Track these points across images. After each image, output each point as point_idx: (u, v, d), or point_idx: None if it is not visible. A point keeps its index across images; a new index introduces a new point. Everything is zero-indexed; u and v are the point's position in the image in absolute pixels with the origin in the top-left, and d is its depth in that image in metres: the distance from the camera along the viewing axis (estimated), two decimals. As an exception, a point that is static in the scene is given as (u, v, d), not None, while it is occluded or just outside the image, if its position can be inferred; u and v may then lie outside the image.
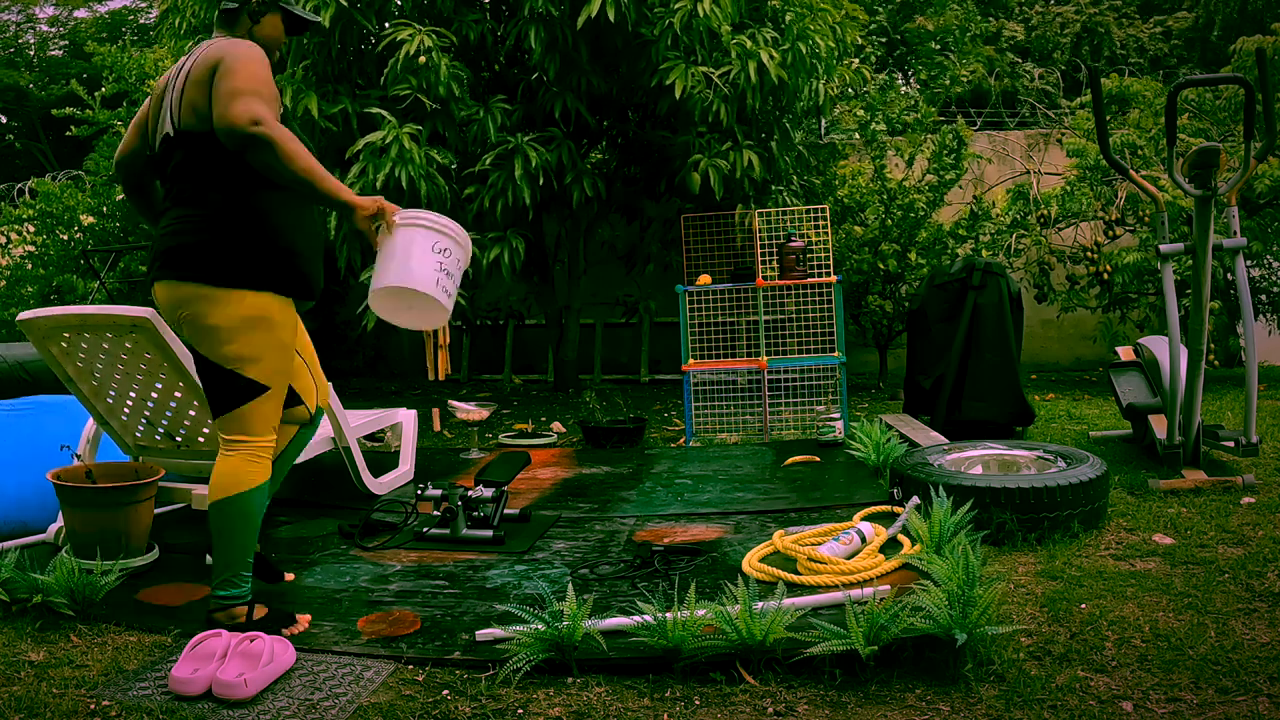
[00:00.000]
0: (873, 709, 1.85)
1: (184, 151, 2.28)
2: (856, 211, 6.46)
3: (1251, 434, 3.36)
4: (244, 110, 2.11)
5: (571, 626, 2.05)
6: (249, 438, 2.30)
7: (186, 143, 2.27)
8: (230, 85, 2.15)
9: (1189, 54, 12.71)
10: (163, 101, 2.35)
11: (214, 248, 2.24)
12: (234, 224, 2.25)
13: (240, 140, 2.13)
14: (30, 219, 7.56)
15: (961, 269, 4.69)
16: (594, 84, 5.25)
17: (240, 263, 2.24)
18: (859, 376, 7.02)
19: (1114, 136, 6.10)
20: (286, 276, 2.32)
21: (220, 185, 2.26)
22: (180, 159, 2.29)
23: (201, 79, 2.22)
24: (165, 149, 2.32)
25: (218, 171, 2.26)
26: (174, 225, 2.28)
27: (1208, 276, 3.23)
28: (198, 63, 2.25)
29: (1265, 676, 1.91)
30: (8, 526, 3.12)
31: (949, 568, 2.19)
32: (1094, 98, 3.50)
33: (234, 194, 2.26)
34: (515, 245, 5.14)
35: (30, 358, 4.38)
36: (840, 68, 5.73)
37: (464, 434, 5.06)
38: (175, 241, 2.26)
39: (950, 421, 4.54)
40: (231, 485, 2.26)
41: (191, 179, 2.28)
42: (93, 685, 2.03)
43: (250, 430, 2.30)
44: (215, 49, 2.25)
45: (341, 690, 1.98)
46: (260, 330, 2.27)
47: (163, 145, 2.33)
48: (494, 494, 3.07)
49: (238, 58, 2.19)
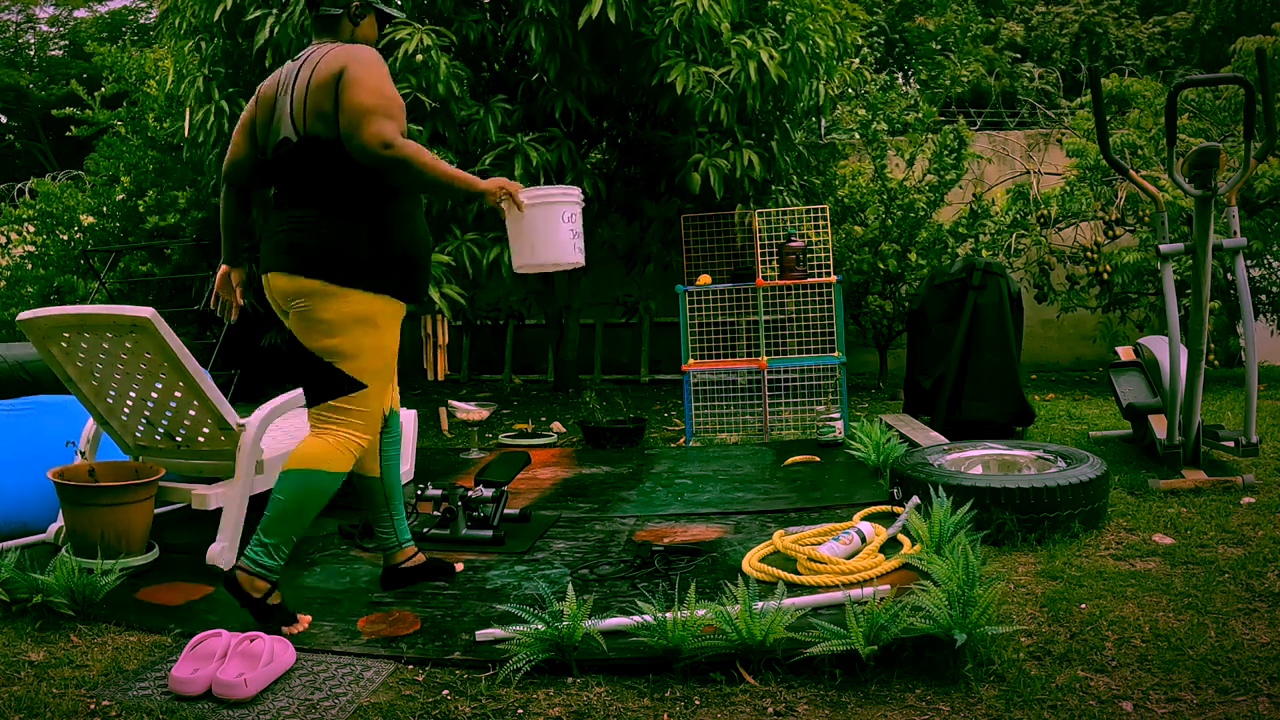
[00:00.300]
0: (873, 709, 1.85)
1: (307, 155, 2.33)
2: (856, 211, 6.45)
3: (1251, 434, 3.36)
4: (374, 134, 2.21)
5: (571, 626, 2.05)
6: (342, 430, 2.34)
7: (311, 147, 2.32)
8: (358, 101, 2.23)
9: (1187, 55, 12.72)
10: (275, 107, 2.40)
11: (336, 249, 2.31)
12: (356, 227, 2.33)
13: (373, 163, 2.24)
14: (30, 219, 7.56)
15: (961, 269, 4.69)
16: (594, 84, 5.25)
17: (360, 265, 2.32)
18: (859, 376, 7.02)
19: (1114, 136, 6.10)
20: (401, 281, 2.39)
21: (343, 188, 2.33)
22: (302, 163, 2.34)
23: (326, 84, 2.28)
24: (285, 154, 2.37)
25: (341, 175, 2.32)
26: (295, 224, 2.35)
27: (1208, 276, 3.23)
28: (319, 69, 2.31)
29: (1265, 676, 1.91)
30: (8, 526, 3.12)
31: (949, 568, 2.19)
32: (1094, 98, 3.50)
33: (356, 198, 2.33)
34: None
35: (30, 358, 4.37)
36: (840, 68, 5.73)
37: (464, 434, 5.06)
38: (296, 240, 2.33)
39: (950, 421, 4.54)
40: (313, 460, 2.29)
41: (314, 181, 2.34)
42: (93, 685, 2.03)
43: (345, 424, 2.35)
44: (336, 56, 2.31)
45: (341, 690, 1.98)
46: (364, 329, 2.34)
47: (279, 149, 2.38)
48: (494, 494, 3.08)
49: (361, 67, 2.27)
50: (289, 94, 2.36)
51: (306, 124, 2.31)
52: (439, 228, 5.16)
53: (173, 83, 5.80)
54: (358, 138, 2.22)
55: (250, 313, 6.79)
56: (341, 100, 2.25)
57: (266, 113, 2.43)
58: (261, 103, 2.46)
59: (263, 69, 5.24)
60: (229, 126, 5.42)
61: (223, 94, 5.40)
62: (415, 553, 2.63)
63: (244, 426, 2.88)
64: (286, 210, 2.38)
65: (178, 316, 6.61)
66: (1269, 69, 3.53)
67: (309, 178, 2.34)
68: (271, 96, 2.43)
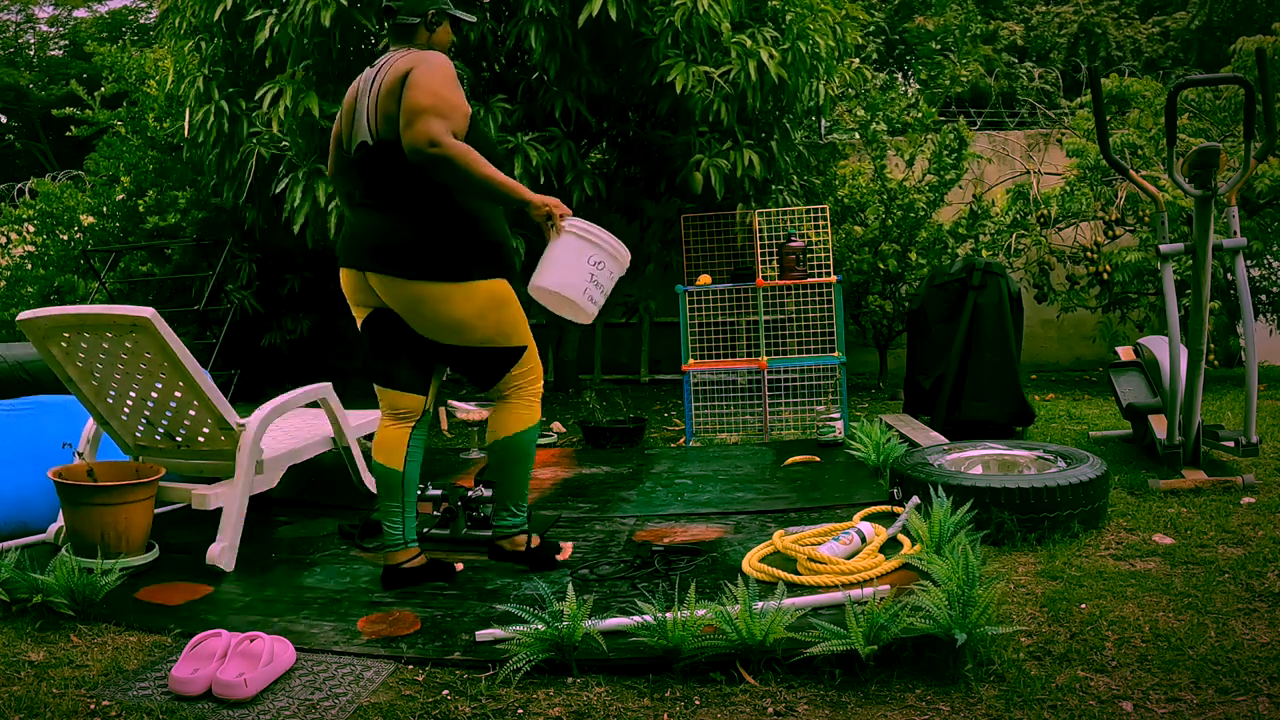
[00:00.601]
0: (873, 709, 1.86)
1: (384, 158, 2.45)
2: (856, 211, 6.45)
3: (1251, 434, 3.36)
4: (422, 132, 2.29)
5: (571, 626, 2.05)
6: (523, 390, 2.62)
7: (386, 150, 2.44)
8: (414, 100, 2.32)
9: (1185, 55, 12.72)
10: (355, 111, 2.53)
11: (432, 248, 2.44)
12: (445, 224, 2.46)
13: (420, 160, 2.33)
14: (30, 219, 7.55)
15: (961, 269, 4.69)
16: (594, 83, 5.25)
17: (464, 259, 2.46)
18: (859, 376, 7.02)
19: (1114, 136, 6.10)
20: (500, 262, 2.57)
21: (423, 189, 2.44)
22: (380, 165, 2.46)
23: (393, 89, 2.39)
24: (364, 156, 2.50)
25: (418, 176, 2.42)
26: (383, 225, 2.47)
27: (1208, 276, 3.23)
28: (389, 74, 2.42)
29: (1265, 676, 1.91)
30: (8, 526, 3.12)
31: (949, 568, 2.19)
32: (1094, 98, 3.50)
33: (438, 196, 2.45)
34: (516, 245, 5.14)
35: (30, 358, 4.37)
36: (840, 68, 5.73)
37: (464, 434, 5.06)
38: (388, 241, 2.45)
39: (950, 421, 4.54)
40: (511, 426, 2.60)
41: (394, 183, 2.46)
42: (93, 685, 2.03)
43: (522, 384, 2.63)
44: (405, 59, 2.41)
45: (341, 690, 1.98)
46: (501, 308, 2.54)
47: (360, 152, 2.51)
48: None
49: (425, 69, 2.36)
50: (366, 98, 2.48)
51: (380, 128, 2.43)
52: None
53: (173, 83, 5.80)
54: (407, 135, 2.31)
55: (250, 313, 6.83)
56: (401, 101, 2.35)
57: (349, 117, 2.57)
58: (344, 109, 2.60)
59: (263, 69, 5.24)
60: (229, 126, 5.42)
61: (223, 94, 5.40)
62: (418, 554, 2.64)
63: (244, 426, 2.88)
64: (370, 210, 2.52)
65: (178, 316, 6.60)
66: (1269, 69, 3.52)
67: (390, 180, 2.46)
68: (352, 102, 2.56)
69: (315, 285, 7.26)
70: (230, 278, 6.82)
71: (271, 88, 4.90)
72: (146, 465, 2.97)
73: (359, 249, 2.51)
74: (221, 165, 5.74)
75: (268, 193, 5.58)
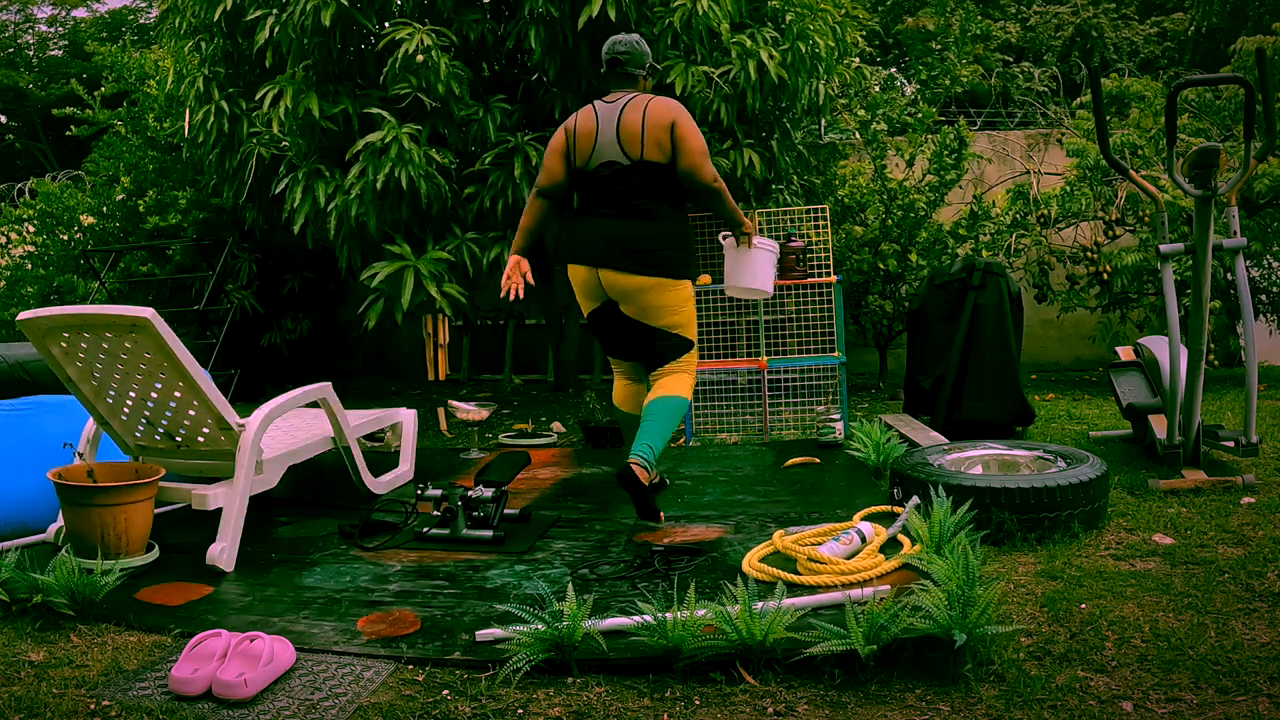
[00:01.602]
0: (873, 709, 1.86)
1: (639, 176, 3.17)
2: (856, 211, 6.45)
3: (1251, 434, 3.36)
4: (710, 173, 3.17)
5: (571, 626, 2.05)
6: (687, 369, 3.31)
7: (644, 170, 3.17)
8: (696, 146, 3.14)
9: (1180, 55, 12.72)
10: (599, 136, 3.21)
11: (669, 251, 3.19)
12: (676, 233, 3.24)
13: (699, 188, 3.18)
14: (30, 219, 7.55)
15: (961, 269, 4.69)
16: (594, 84, 5.25)
17: (683, 262, 3.25)
18: (859, 376, 7.02)
19: (1114, 136, 6.10)
20: (693, 269, 3.36)
21: (666, 203, 3.21)
22: (633, 181, 3.18)
23: (663, 126, 3.14)
24: (615, 174, 3.20)
25: (665, 193, 3.20)
26: (630, 231, 3.18)
27: (1208, 276, 3.23)
28: (651, 114, 3.15)
29: (1265, 676, 1.91)
30: (8, 526, 3.12)
31: (949, 568, 2.19)
32: (1094, 98, 3.50)
33: (673, 210, 3.23)
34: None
35: (30, 358, 4.37)
36: (840, 67, 5.73)
37: (464, 434, 5.06)
38: (632, 245, 3.17)
39: (950, 421, 4.54)
40: (679, 391, 3.26)
41: (644, 197, 3.19)
42: (93, 685, 2.03)
43: (687, 367, 3.31)
44: (663, 107, 3.17)
45: (341, 690, 1.98)
46: (689, 306, 3.30)
47: (608, 169, 3.21)
48: (494, 494, 3.07)
49: (689, 123, 3.16)
50: (613, 128, 3.19)
51: (645, 153, 3.14)
52: (440, 226, 5.16)
53: (173, 83, 5.80)
54: (699, 175, 3.14)
55: (250, 313, 6.83)
56: (681, 145, 3.13)
57: (588, 141, 3.24)
58: (581, 134, 3.26)
59: (263, 69, 5.24)
60: (229, 126, 5.42)
61: (223, 94, 5.40)
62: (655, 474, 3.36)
63: (244, 426, 2.88)
64: (616, 219, 3.19)
65: (178, 316, 6.61)
66: (1269, 69, 3.52)
67: (641, 194, 3.17)
68: (592, 128, 3.24)
69: (315, 285, 7.27)
70: (230, 278, 6.82)
71: (271, 88, 4.90)
72: (146, 465, 2.97)
73: (603, 249, 3.19)
74: (221, 165, 5.74)
75: (268, 193, 5.59)
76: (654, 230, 3.17)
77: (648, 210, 3.18)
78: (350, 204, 4.82)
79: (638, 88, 3.32)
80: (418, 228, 5.17)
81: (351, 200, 4.81)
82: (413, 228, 5.16)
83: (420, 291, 4.80)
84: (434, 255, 4.87)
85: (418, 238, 5.11)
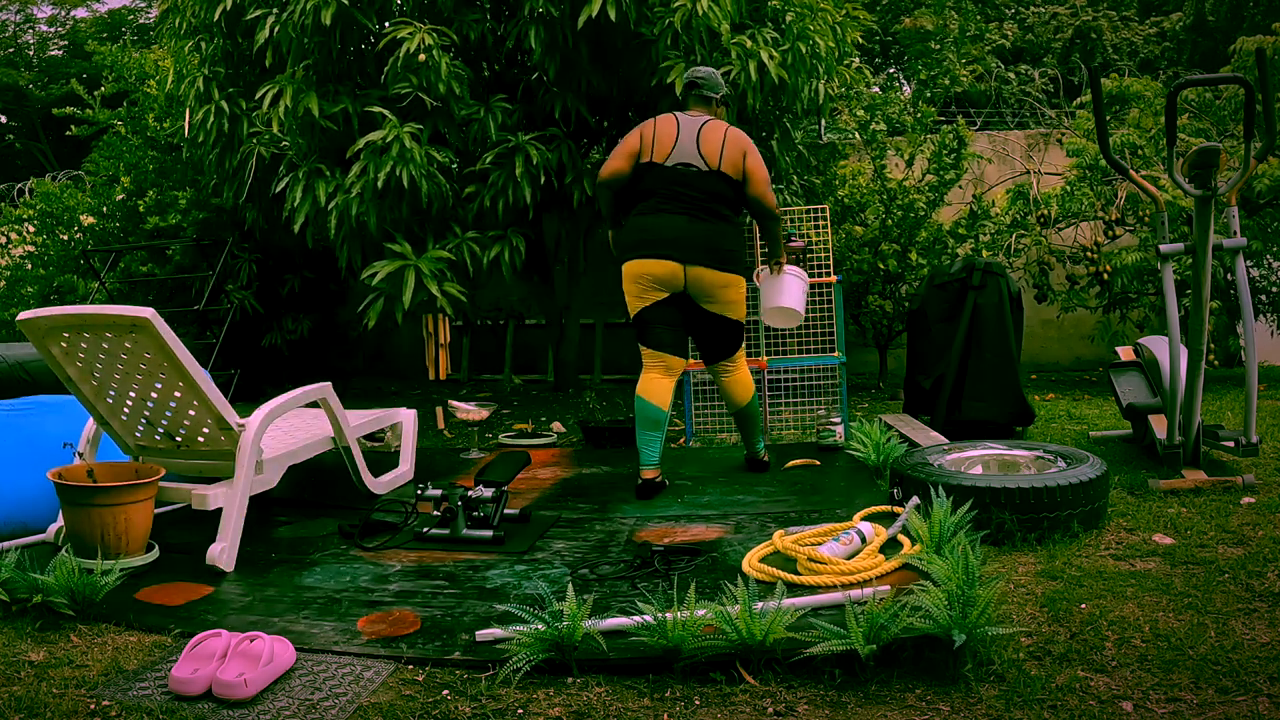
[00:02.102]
0: (873, 709, 1.86)
1: (714, 183, 3.50)
2: (856, 211, 6.45)
3: (1251, 434, 3.36)
4: (771, 201, 3.58)
5: (571, 626, 2.05)
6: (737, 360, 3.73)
7: (719, 179, 3.51)
8: (764, 176, 3.57)
9: (1178, 55, 12.72)
10: (679, 139, 3.53)
11: (737, 251, 3.58)
12: (741, 237, 3.67)
13: (763, 212, 3.61)
14: (30, 219, 7.55)
15: (961, 269, 4.69)
16: (594, 84, 5.25)
17: (742, 260, 3.63)
18: (859, 376, 7.02)
19: (1114, 136, 6.09)
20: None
21: (732, 210, 3.58)
22: (708, 187, 3.50)
23: (739, 151, 3.53)
24: (692, 175, 3.50)
25: (733, 203, 3.58)
26: (715, 232, 3.51)
27: (1208, 276, 3.23)
28: (730, 139, 3.53)
29: (1265, 676, 1.91)
30: (8, 526, 3.12)
31: (949, 568, 2.19)
32: (1094, 98, 3.50)
33: (735, 216, 3.61)
34: (516, 244, 5.14)
35: (30, 358, 4.37)
36: (840, 68, 5.73)
37: (464, 434, 5.06)
38: (713, 244, 3.49)
39: (950, 421, 4.54)
40: (743, 395, 3.75)
41: (719, 203, 3.53)
42: (93, 685, 2.03)
43: (739, 359, 3.73)
44: (740, 136, 3.57)
45: (341, 690, 1.98)
46: (743, 298, 3.66)
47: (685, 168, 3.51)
48: (494, 494, 3.07)
49: (757, 155, 3.59)
50: (694, 137, 3.53)
51: (723, 165, 3.50)
52: (440, 225, 5.16)
53: (173, 83, 5.79)
54: (765, 201, 3.56)
55: (250, 313, 6.83)
56: (753, 175, 3.54)
57: (668, 140, 3.53)
58: (661, 134, 3.55)
59: (263, 69, 5.24)
60: (229, 126, 5.42)
61: (223, 94, 5.40)
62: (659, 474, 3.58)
63: (244, 426, 2.88)
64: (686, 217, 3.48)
65: (178, 316, 6.60)
66: (1269, 69, 3.52)
67: (714, 200, 3.51)
68: (672, 131, 3.55)
69: (315, 285, 7.26)
70: (230, 278, 6.82)
71: (271, 88, 4.90)
72: (146, 465, 2.97)
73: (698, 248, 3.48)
74: (221, 165, 5.74)
75: (268, 193, 5.58)
76: (731, 233, 3.55)
77: (725, 215, 3.54)
78: (351, 203, 4.82)
79: (711, 109, 3.70)
80: (418, 227, 5.17)
81: (352, 199, 4.81)
82: (413, 227, 5.16)
83: (421, 290, 4.80)
84: (434, 254, 4.87)
85: (418, 237, 5.11)
